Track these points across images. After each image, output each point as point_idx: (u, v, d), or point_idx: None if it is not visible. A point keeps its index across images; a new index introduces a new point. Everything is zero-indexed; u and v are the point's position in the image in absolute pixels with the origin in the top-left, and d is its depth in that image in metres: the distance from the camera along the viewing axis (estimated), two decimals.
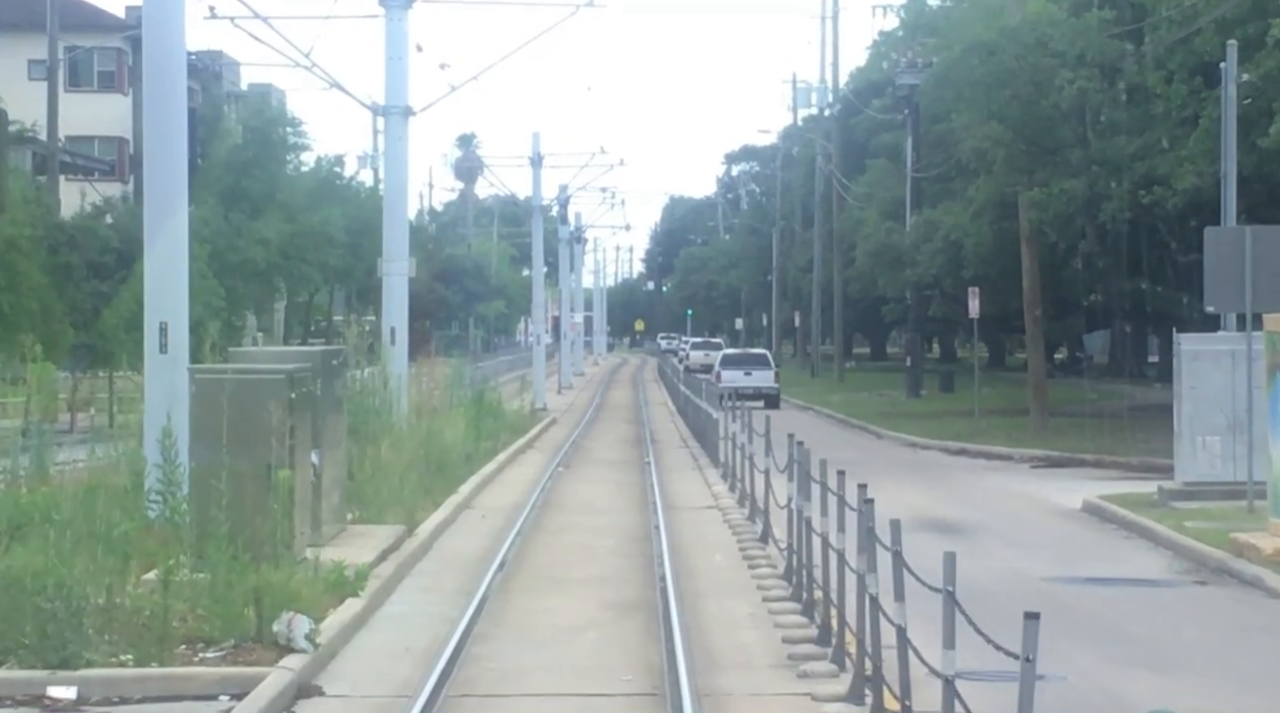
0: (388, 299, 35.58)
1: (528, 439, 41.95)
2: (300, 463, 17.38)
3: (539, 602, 17.49)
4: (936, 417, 51.27)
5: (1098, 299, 55.06)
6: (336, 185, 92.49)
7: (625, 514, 25.65)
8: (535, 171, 63.62)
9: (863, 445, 44.16)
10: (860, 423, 51.66)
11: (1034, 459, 37.26)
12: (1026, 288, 42.56)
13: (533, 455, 38.00)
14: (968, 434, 43.10)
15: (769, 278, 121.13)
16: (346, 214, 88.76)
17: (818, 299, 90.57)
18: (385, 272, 35.74)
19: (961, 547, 21.89)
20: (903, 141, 73.82)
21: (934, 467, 36.81)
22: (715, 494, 28.24)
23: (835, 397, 68.60)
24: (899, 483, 31.74)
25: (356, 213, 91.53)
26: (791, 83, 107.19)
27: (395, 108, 34.98)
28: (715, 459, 34.61)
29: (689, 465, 35.20)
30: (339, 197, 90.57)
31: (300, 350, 19.18)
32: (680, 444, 42.77)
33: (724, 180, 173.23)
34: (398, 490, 23.37)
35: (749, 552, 20.66)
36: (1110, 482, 31.63)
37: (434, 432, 29.74)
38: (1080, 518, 26.20)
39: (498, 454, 34.85)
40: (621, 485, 30.56)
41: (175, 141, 19.69)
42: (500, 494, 28.51)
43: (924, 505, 27.45)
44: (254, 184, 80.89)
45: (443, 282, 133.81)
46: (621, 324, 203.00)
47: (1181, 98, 34.20)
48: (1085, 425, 44.54)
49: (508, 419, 43.34)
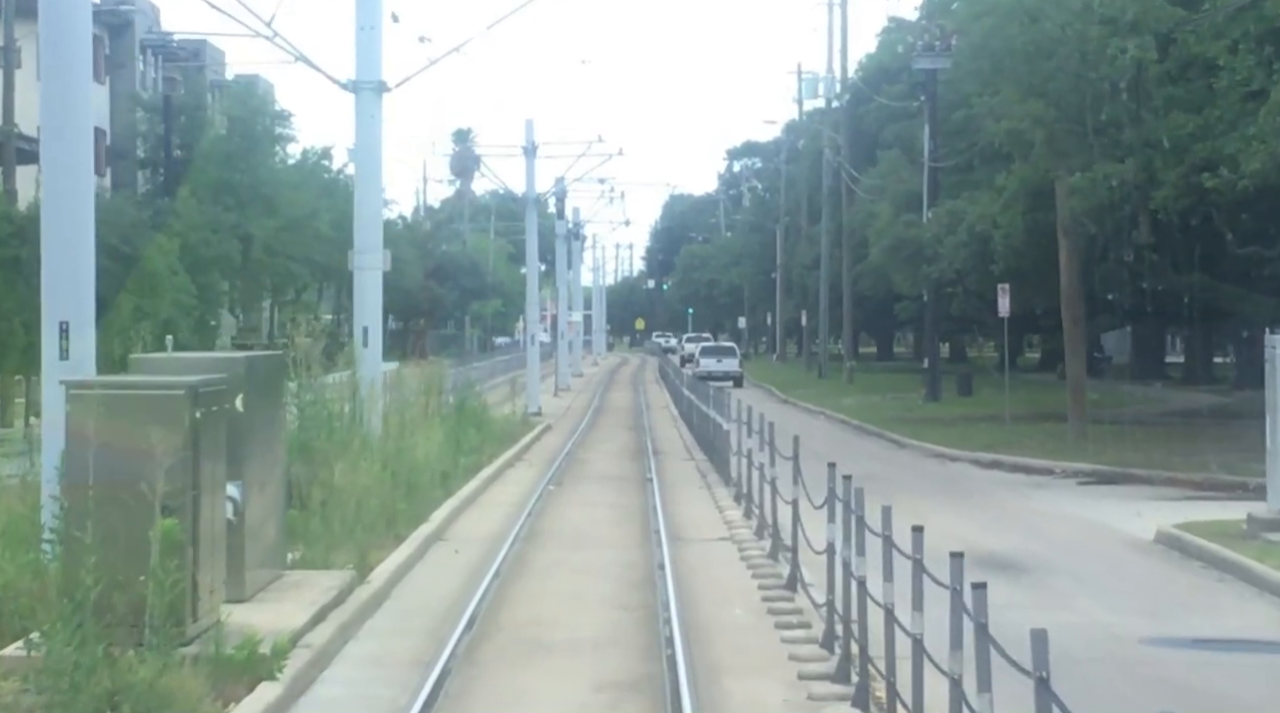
0: (359, 296, 31.91)
1: (517, 450, 38.17)
2: (210, 500, 13.66)
3: (514, 679, 13.70)
4: (959, 423, 47.52)
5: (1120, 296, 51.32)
6: (324, 178, 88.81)
7: (624, 548, 21.87)
8: (529, 161, 59.81)
9: (883, 456, 40.38)
10: (877, 429, 47.89)
11: (1080, 474, 33.50)
12: (1065, 284, 38.79)
13: (521, 471, 34.20)
14: (1000, 444, 39.32)
15: (772, 276, 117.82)
16: (334, 208, 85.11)
17: (825, 297, 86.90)
18: (356, 265, 31.99)
19: (1031, 594, 18.30)
20: (917, 131, 70.28)
21: (968, 483, 33.04)
22: (728, 521, 24.47)
23: (847, 400, 64.87)
24: (935, 504, 27.99)
25: (345, 207, 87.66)
26: (796, 74, 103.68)
27: (367, 83, 31.21)
28: (726, 476, 30.87)
29: (696, 483, 31.43)
30: (326, 189, 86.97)
31: (224, 357, 15.31)
32: (685, 456, 39.02)
33: (725, 177, 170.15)
34: (353, 522, 19.64)
35: (775, 605, 16.86)
36: (1175, 504, 27.88)
37: (406, 447, 25.94)
38: (1158, 552, 22.39)
39: (482, 469, 31.07)
40: (620, 509, 26.77)
41: (75, 111, 16.04)
42: (479, 521, 24.72)
43: (971, 535, 23.70)
44: (237, 176, 77.60)
45: (437, 279, 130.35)
46: (621, 323, 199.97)
47: (1248, 69, 30.41)
48: (1126, 434, 40.76)
49: (495, 428, 39.58)
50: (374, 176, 32.30)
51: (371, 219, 32.02)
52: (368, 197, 32.09)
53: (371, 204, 32.11)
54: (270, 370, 16.36)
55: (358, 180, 32.78)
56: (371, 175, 32.20)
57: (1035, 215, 41.19)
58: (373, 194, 32.25)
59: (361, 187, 32.33)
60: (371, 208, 32.09)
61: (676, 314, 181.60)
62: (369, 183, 32.21)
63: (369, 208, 32.04)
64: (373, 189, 32.25)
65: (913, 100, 64.55)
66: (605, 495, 28.86)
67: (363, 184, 32.33)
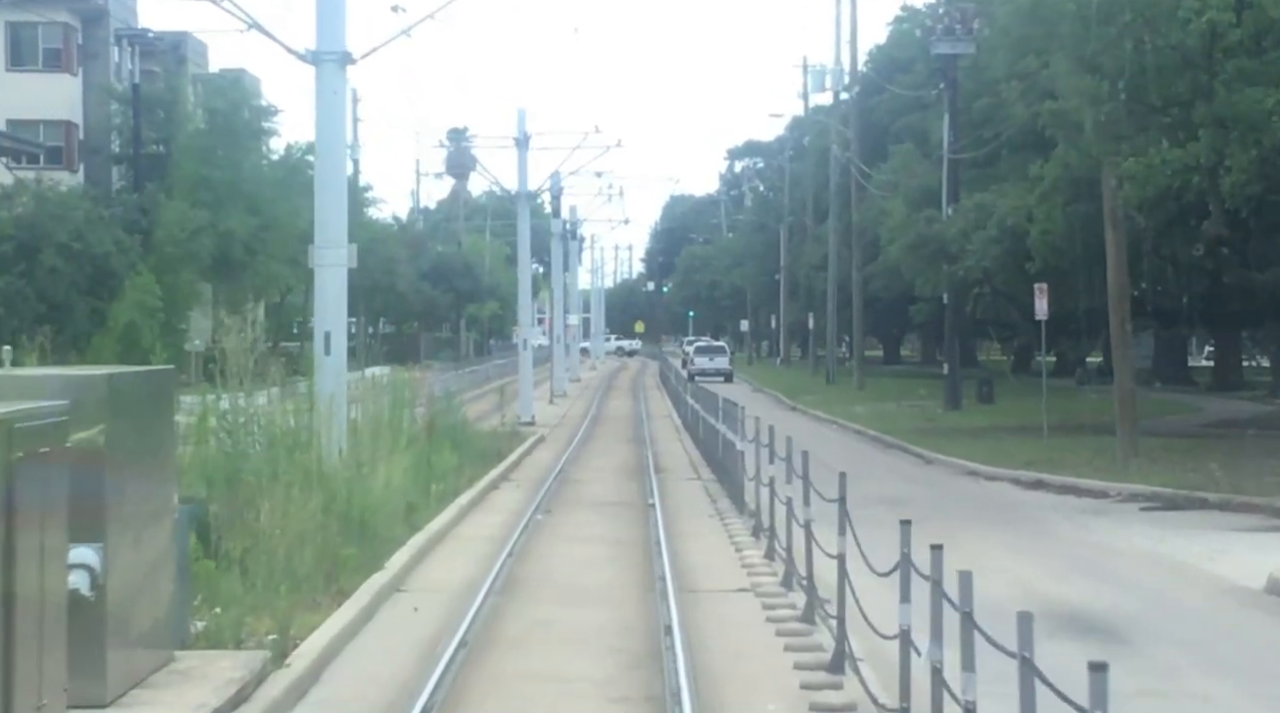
0: (320, 296, 28.07)
1: (504, 468, 34.18)
2: (37, 574, 9.72)
3: None
4: (987, 435, 43.57)
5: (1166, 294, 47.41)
6: (309, 174, 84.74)
7: (622, 602, 17.85)
8: (520, 153, 55.72)
9: (910, 473, 36.43)
10: (898, 442, 43.92)
11: (1138, 498, 29.51)
12: (1112, 282, 34.80)
13: (507, 494, 30.19)
14: (1040, 460, 35.34)
15: (776, 277, 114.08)
16: None
17: (833, 298, 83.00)
18: (317, 261, 28.12)
19: (1137, 673, 13.80)
20: (933, 123, 66.53)
21: (1014, 508, 29.04)
22: (746, 563, 20.49)
23: (859, 407, 60.87)
24: (982, 537, 24.06)
25: None
26: (802, 67, 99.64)
27: (329, 53, 27.30)
28: (739, 501, 26.92)
29: (705, 509, 27.41)
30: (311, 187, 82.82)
31: (77, 376, 11.23)
32: (690, 473, 35.04)
33: (727, 176, 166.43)
34: (282, 577, 15.69)
35: (821, 697, 12.85)
36: (1263, 537, 23.96)
37: (366, 475, 21.92)
38: (1274, 607, 18.37)
39: (459, 496, 27.03)
40: (618, 545, 22.74)
41: None
42: (450, 563, 20.71)
43: (1035, 580, 19.75)
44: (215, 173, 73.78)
45: (431, 281, 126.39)
46: (621, 326, 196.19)
47: None
48: (1176, 449, 36.84)
49: (479, 444, 35.57)
50: (337, 160, 28.43)
51: (334, 208, 28.13)
52: (330, 183, 28.21)
53: (334, 191, 28.20)
54: (150, 391, 12.36)
55: (319, 164, 28.86)
56: (334, 158, 28.32)
57: (1076, 207, 37.22)
58: (335, 179, 28.34)
59: (323, 171, 28.45)
60: (334, 195, 28.18)
61: (677, 317, 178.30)
62: (331, 167, 28.34)
63: (331, 195, 28.15)
64: (335, 174, 28.36)
65: (931, 88, 60.50)
66: (601, 527, 24.85)
67: (324, 168, 28.44)
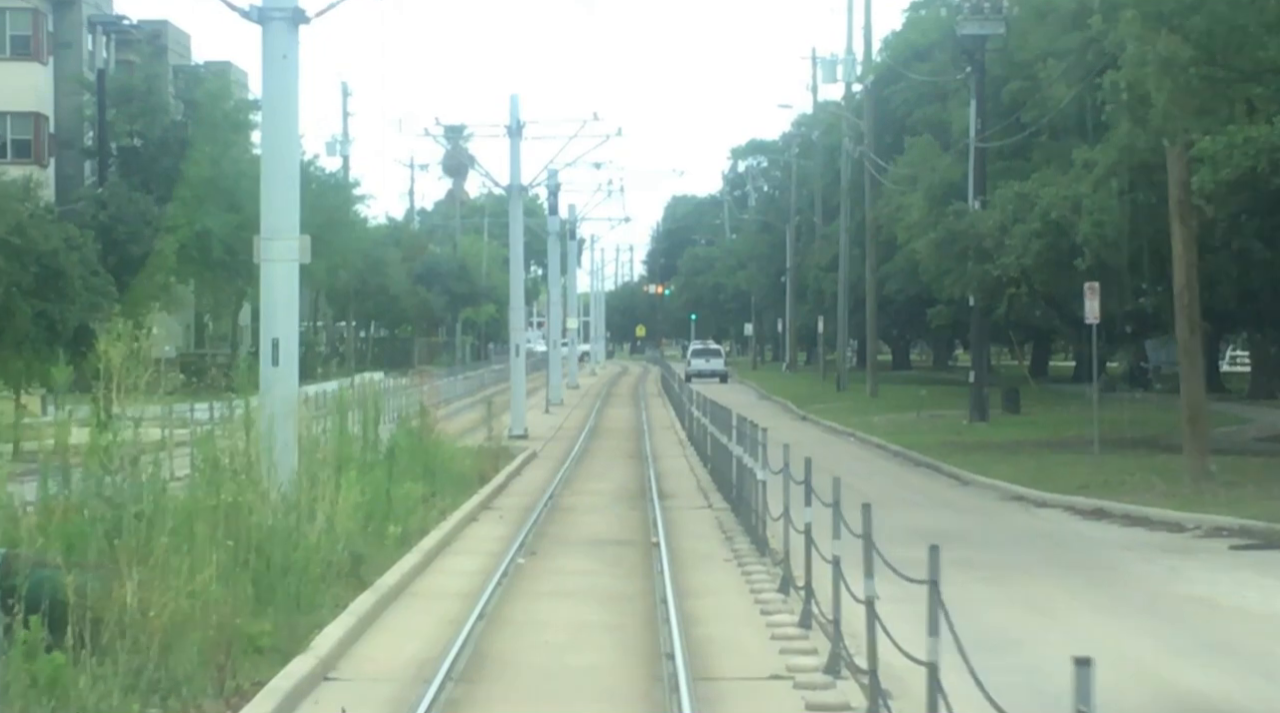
0: (268, 296, 23.96)
1: (487, 494, 29.85)
2: None
3: None
4: (1022, 451, 39.40)
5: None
6: None
7: (621, 700, 13.55)
8: (513, 142, 51.32)
9: (947, 498, 32.16)
10: (927, 459, 39.69)
11: (1225, 532, 25.18)
12: (1179, 282, 30.56)
13: (485, 529, 25.84)
14: (1096, 483, 31.03)
15: (782, 279, 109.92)
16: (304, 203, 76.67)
17: (844, 301, 78.80)
18: (264, 255, 23.98)
19: None
20: (954, 113, 62.32)
21: (1080, 546, 24.67)
22: (776, 630, 16.16)
23: (876, 418, 56.69)
24: (1055, 589, 19.83)
25: (314, 200, 79.73)
26: (811, 58, 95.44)
27: (278, 10, 23.13)
28: (757, 538, 22.65)
29: (719, 550, 23.09)
30: None
31: None
32: (699, 499, 30.79)
33: (730, 176, 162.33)
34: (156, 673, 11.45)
35: None
36: None
37: (298, 519, 17.60)
38: None
39: (427, 536, 22.68)
40: (615, 605, 18.33)
41: None
42: (398, 636, 16.31)
43: (1147, 659, 15.49)
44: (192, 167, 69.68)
45: (425, 283, 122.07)
46: (622, 330, 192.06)
47: None
48: (1248, 469, 32.51)
49: (458, 466, 31.25)
50: (287, 134, 24.17)
51: (283, 192, 23.95)
52: (278, 162, 23.97)
53: (283, 172, 23.95)
54: None
55: (264, 140, 24.68)
56: (283, 133, 24.06)
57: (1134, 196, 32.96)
58: (285, 158, 24.07)
59: (271, 148, 24.22)
60: (283, 177, 23.94)
61: (679, 321, 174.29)
62: (280, 143, 24.09)
63: (280, 177, 23.94)
64: (284, 151, 24.07)
65: (954, 74, 56.23)
66: (595, 577, 20.48)
67: (272, 145, 24.21)
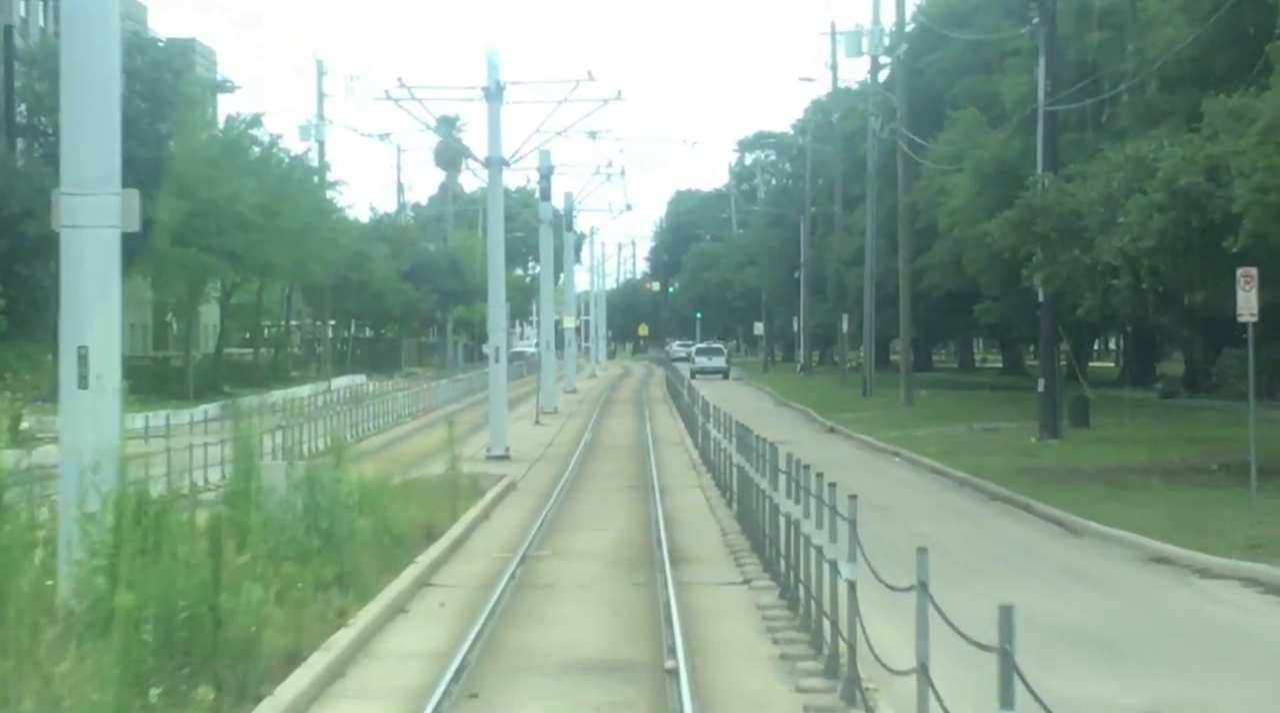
0: (70, 280, 15.57)
1: (427, 565, 21.14)
2: None
3: None
4: (1125, 480, 31.15)
5: None
6: (249, 152, 72.04)
7: None
8: (492, 107, 42.68)
9: (1063, 561, 23.50)
10: (1007, 493, 31.16)
11: None
12: None
13: (407, 635, 17.06)
14: (1269, 539, 22.56)
15: (795, 275, 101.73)
16: (264, 189, 68.64)
17: (871, 297, 70.36)
18: (64, 218, 15.69)
19: None
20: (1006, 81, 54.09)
21: None
22: None
23: (920, 432, 48.00)
24: None
25: (277, 187, 71.47)
26: (830, 33, 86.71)
27: None
28: (826, 652, 14.17)
29: (779, 684, 14.56)
30: (253, 167, 70.36)
31: None
32: (728, 565, 22.23)
33: (736, 169, 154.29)
34: None
35: None
36: None
37: None
38: None
39: (326, 643, 14.14)
40: None
41: None
42: None
43: None
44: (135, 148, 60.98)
45: (414, 281, 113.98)
46: (623, 329, 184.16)
47: None
48: None
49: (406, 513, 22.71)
50: (102, 27, 15.62)
51: (93, 120, 15.52)
52: (86, 70, 15.49)
53: (94, 86, 15.52)
54: None
55: (65, 31, 16.02)
56: (95, 24, 15.53)
57: None
58: (97, 64, 15.57)
59: (74, 48, 15.68)
60: (94, 96, 15.51)
61: (684, 319, 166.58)
62: (89, 39, 15.57)
63: (89, 95, 15.49)
64: (97, 51, 15.56)
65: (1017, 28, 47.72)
66: None
67: (76, 42, 15.69)
